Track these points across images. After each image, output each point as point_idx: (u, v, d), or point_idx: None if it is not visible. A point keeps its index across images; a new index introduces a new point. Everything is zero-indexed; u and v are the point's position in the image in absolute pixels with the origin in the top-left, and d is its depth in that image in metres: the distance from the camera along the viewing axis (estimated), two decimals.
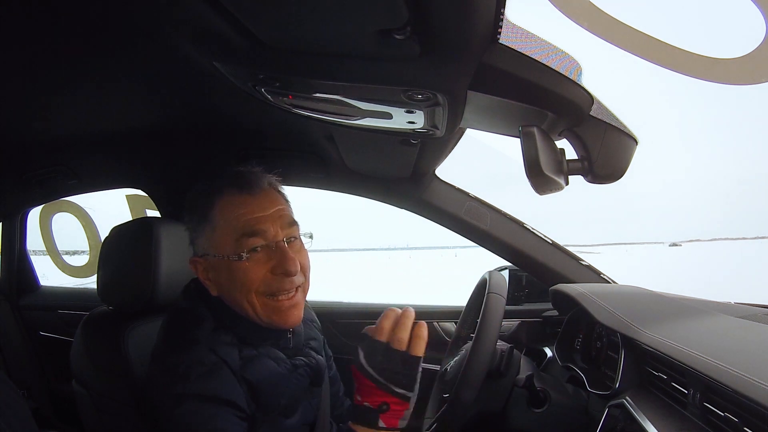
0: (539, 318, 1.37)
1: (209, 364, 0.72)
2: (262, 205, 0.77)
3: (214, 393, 0.70)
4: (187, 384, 0.70)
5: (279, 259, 0.75)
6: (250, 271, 0.74)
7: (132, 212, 2.11)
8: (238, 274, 0.74)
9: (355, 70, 0.61)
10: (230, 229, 0.75)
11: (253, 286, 0.74)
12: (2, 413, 0.64)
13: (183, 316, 0.79)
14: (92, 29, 0.66)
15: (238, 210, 0.75)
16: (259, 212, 0.76)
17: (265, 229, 0.75)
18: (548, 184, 0.67)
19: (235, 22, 0.52)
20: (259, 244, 0.75)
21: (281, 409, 0.78)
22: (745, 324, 0.83)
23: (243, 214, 0.75)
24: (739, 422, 0.54)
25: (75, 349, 0.95)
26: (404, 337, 0.69)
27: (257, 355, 0.77)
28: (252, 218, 0.75)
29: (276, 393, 0.76)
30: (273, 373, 0.77)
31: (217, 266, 0.76)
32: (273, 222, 0.76)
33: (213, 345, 0.74)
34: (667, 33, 1.50)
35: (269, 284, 0.75)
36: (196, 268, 0.79)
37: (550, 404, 0.97)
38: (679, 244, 63.24)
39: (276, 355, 0.79)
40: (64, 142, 1.23)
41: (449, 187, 1.35)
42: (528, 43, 0.59)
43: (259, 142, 1.27)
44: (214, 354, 0.73)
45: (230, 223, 0.75)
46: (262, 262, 0.75)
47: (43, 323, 1.67)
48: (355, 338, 0.73)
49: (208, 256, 0.77)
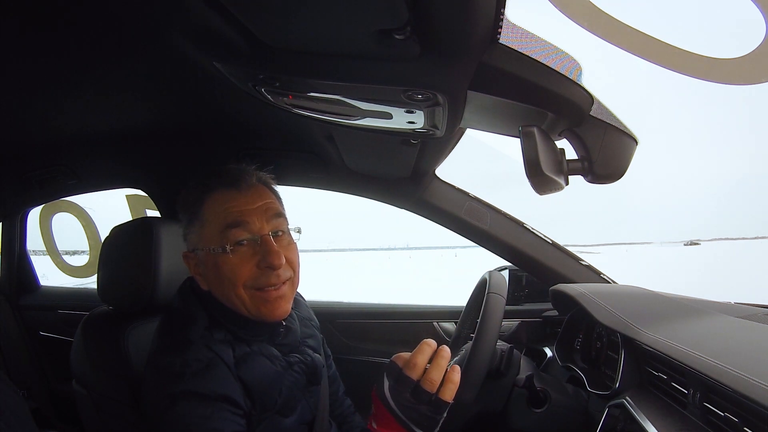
0: (539, 318, 1.37)
1: (205, 360, 0.71)
2: (248, 200, 0.77)
3: (210, 390, 0.69)
4: (182, 382, 0.69)
5: (264, 252, 0.75)
6: (236, 265, 0.74)
7: (132, 212, 2.11)
8: (224, 267, 0.75)
9: (355, 70, 0.61)
10: (216, 222, 0.76)
11: (240, 280, 0.74)
12: (2, 413, 0.64)
13: (176, 317, 0.79)
14: (92, 29, 0.66)
15: (224, 204, 0.76)
16: (244, 206, 0.76)
17: (250, 221, 0.75)
18: (548, 184, 0.67)
19: (235, 22, 0.52)
20: (245, 238, 0.75)
21: (278, 408, 0.77)
22: (745, 324, 0.83)
23: (228, 208, 0.76)
24: (739, 422, 0.54)
25: (75, 349, 0.95)
26: (437, 379, 0.67)
27: (251, 353, 0.76)
28: (236, 211, 0.76)
29: (271, 391, 0.76)
30: (267, 371, 0.76)
31: (205, 260, 0.77)
32: (258, 215, 0.76)
33: (207, 342, 0.74)
34: (667, 33, 1.50)
35: (256, 278, 0.75)
36: (189, 263, 0.80)
37: (550, 404, 0.97)
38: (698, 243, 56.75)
39: (270, 353, 0.79)
40: (64, 142, 1.23)
41: (449, 187, 1.35)
42: (528, 43, 0.59)
43: (259, 142, 1.27)
44: (209, 350, 0.73)
45: (217, 216, 0.76)
46: (248, 256, 0.75)
47: (43, 323, 1.67)
48: (355, 338, 0.74)
49: (197, 251, 0.78)
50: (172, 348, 0.74)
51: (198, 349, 0.72)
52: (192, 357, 0.71)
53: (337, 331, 1.47)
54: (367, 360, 1.43)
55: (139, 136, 1.20)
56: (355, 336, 1.47)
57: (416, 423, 0.66)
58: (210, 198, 0.77)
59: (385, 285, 12.69)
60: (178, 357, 0.71)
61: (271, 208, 0.78)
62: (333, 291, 11.29)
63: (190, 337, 0.74)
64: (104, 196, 1.61)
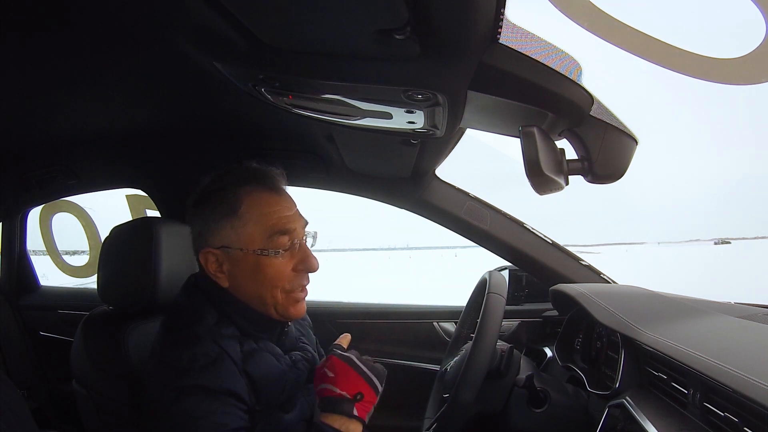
0: (539, 318, 1.37)
1: (212, 355, 0.72)
2: (288, 205, 0.81)
3: (217, 384, 0.70)
4: (188, 377, 0.70)
5: (302, 257, 0.79)
6: (280, 269, 0.77)
7: (132, 212, 2.11)
8: (267, 269, 0.77)
9: (355, 70, 0.61)
10: (261, 225, 0.77)
11: (281, 283, 0.78)
12: (2, 413, 0.64)
13: (184, 313, 0.80)
14: (92, 30, 0.67)
15: (268, 208, 0.78)
16: (287, 211, 0.79)
17: (294, 228, 0.79)
18: (548, 184, 0.67)
19: (235, 22, 0.52)
20: (289, 244, 0.78)
21: (280, 404, 0.79)
22: (745, 324, 0.83)
23: (274, 212, 0.78)
24: (739, 422, 0.54)
25: (75, 349, 0.95)
26: None
27: (257, 349, 0.78)
28: (283, 217, 0.78)
29: (276, 387, 0.78)
30: (273, 367, 0.79)
31: (239, 259, 0.77)
32: (298, 221, 0.80)
33: (215, 338, 0.75)
34: (667, 33, 1.50)
35: (292, 281, 0.79)
36: (207, 259, 0.79)
37: (550, 404, 0.97)
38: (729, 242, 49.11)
39: (274, 351, 0.81)
40: (64, 142, 1.23)
41: (449, 187, 1.35)
42: (528, 43, 0.59)
43: (259, 142, 1.27)
44: (216, 346, 0.74)
45: (261, 219, 0.77)
46: (288, 260, 0.78)
47: (43, 323, 1.67)
48: (355, 338, 0.75)
49: (230, 249, 0.77)
50: (179, 343, 0.74)
51: (206, 344, 0.73)
52: (200, 352, 0.72)
53: (337, 331, 1.46)
54: None
55: (139, 136, 1.20)
56: (355, 336, 1.45)
57: (374, 372, 0.76)
58: (249, 197, 0.78)
59: (385, 285, 12.68)
60: (185, 352, 0.72)
61: (302, 216, 0.82)
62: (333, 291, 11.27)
63: (198, 333, 0.75)
64: (104, 196, 1.61)
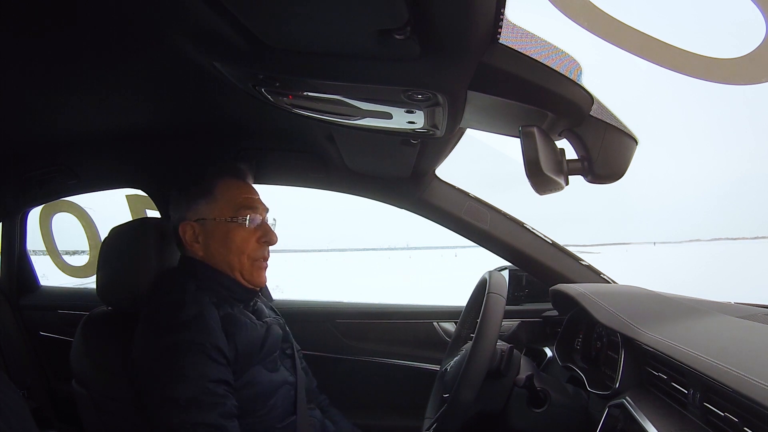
0: (539, 318, 1.37)
1: (195, 313, 0.84)
2: (253, 191, 1.00)
3: (200, 339, 0.81)
4: (173, 333, 0.81)
5: (264, 231, 0.97)
6: (246, 237, 0.94)
7: (132, 212, 2.11)
8: (236, 237, 0.93)
9: (355, 70, 0.61)
10: (231, 201, 0.95)
11: (246, 250, 0.94)
12: (2, 413, 0.64)
13: (168, 281, 0.93)
14: (92, 30, 0.66)
15: (237, 190, 0.97)
16: (252, 194, 0.99)
17: (258, 206, 0.97)
18: (548, 184, 0.67)
19: (235, 22, 0.52)
20: (253, 217, 0.95)
21: (260, 359, 0.91)
22: (745, 324, 0.83)
23: (241, 193, 0.97)
24: (739, 422, 0.54)
25: (75, 349, 0.95)
26: None
27: (233, 313, 0.91)
28: (249, 197, 0.97)
29: (253, 343, 0.90)
30: (249, 327, 0.91)
31: (213, 229, 0.93)
32: (260, 204, 0.99)
33: (196, 300, 0.86)
34: (667, 33, 1.50)
35: (255, 250, 0.95)
36: (185, 231, 0.93)
37: (550, 404, 0.97)
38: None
39: (248, 316, 0.94)
40: (64, 142, 1.23)
41: (449, 187, 1.35)
42: (528, 43, 0.59)
43: (259, 142, 1.27)
44: (199, 307, 0.85)
45: (232, 197, 0.95)
46: (253, 232, 0.95)
47: (43, 323, 1.67)
48: (355, 338, 0.74)
49: (205, 220, 0.93)
50: (165, 305, 0.86)
51: (189, 306, 0.85)
52: (184, 313, 0.84)
53: (337, 331, 1.47)
54: (367, 360, 1.42)
55: (139, 136, 1.20)
56: (355, 336, 1.46)
57: None
58: (222, 181, 0.96)
59: (385, 285, 12.68)
60: (170, 312, 0.84)
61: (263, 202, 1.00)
62: (333, 291, 11.27)
63: (181, 296, 0.87)
64: (104, 196, 1.61)
